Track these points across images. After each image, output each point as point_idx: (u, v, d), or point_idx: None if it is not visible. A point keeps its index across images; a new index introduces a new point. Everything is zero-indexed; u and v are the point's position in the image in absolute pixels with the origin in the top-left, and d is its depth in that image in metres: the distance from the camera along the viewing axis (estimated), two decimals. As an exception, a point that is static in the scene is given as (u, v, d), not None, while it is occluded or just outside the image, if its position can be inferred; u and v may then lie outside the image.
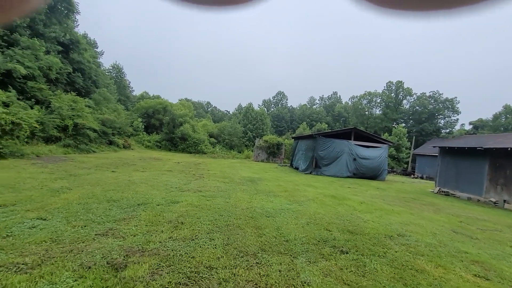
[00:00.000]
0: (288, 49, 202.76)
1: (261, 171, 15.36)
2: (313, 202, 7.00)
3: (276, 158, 27.67)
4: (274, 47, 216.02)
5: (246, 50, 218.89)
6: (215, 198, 6.47)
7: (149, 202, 5.54)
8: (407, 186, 14.98)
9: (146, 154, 22.28)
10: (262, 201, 6.57)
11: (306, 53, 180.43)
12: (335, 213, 5.90)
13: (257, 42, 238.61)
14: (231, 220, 4.70)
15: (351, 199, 8.12)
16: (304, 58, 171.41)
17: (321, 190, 9.46)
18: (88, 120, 18.81)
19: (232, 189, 8.04)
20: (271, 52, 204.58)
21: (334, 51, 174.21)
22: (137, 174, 9.60)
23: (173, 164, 15.29)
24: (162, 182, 8.20)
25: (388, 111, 60.14)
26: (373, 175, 17.35)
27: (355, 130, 18.02)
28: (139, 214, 4.62)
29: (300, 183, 11.05)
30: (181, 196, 6.38)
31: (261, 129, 45.67)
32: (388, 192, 11.05)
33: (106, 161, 13.26)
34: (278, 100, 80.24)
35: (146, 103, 40.13)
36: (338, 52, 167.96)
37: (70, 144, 16.44)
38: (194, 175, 10.75)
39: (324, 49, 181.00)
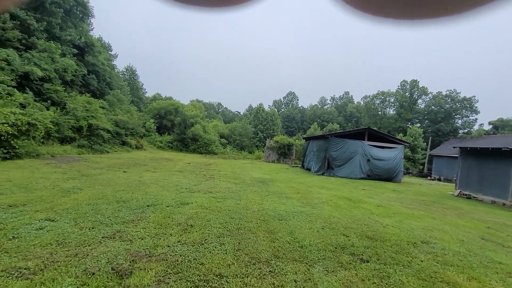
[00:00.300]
0: (299, 49, 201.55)
1: (272, 172, 15.11)
2: (327, 204, 6.71)
3: (287, 158, 27.33)
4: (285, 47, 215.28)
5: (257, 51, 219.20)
6: (226, 200, 6.30)
7: (159, 203, 5.42)
8: (425, 189, 14.35)
9: (157, 155, 22.47)
10: (274, 203, 6.35)
11: (318, 52, 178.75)
12: (351, 216, 5.59)
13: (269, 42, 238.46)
14: (242, 223, 4.50)
15: (367, 202, 7.76)
16: (316, 58, 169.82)
17: (334, 192, 9.13)
18: (102, 121, 19.14)
19: (243, 191, 7.85)
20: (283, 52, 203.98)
21: (347, 50, 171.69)
22: (148, 175, 9.58)
23: (184, 164, 15.29)
24: (173, 183, 8.11)
25: (402, 111, 58.52)
26: (388, 176, 16.76)
27: (369, 130, 17.49)
28: (148, 216, 4.49)
29: (312, 185, 10.73)
30: (191, 198, 6.24)
31: (271, 130, 45.40)
32: (405, 195, 10.57)
33: (118, 161, 13.38)
34: (289, 100, 79.73)
35: (158, 104, 40.69)
36: (351, 51, 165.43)
37: (85, 145, 16.75)
38: (204, 176, 10.65)
39: (336, 48, 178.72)
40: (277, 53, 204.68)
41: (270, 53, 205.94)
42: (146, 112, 39.13)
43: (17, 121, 10.17)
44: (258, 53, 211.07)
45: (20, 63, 15.57)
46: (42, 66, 16.59)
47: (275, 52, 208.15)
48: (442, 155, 24.54)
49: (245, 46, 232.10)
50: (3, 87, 12.70)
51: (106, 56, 31.48)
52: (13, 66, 14.96)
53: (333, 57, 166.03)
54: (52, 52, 18.07)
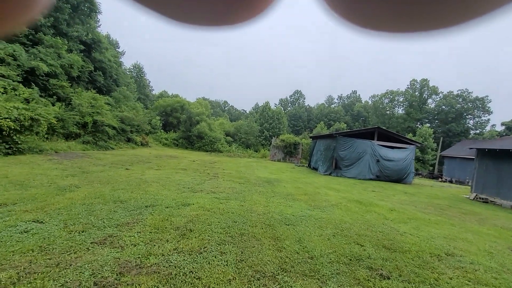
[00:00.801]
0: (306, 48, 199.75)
1: (278, 172, 14.72)
2: (337, 208, 6.29)
3: (293, 158, 26.89)
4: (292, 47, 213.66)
5: (265, 50, 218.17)
6: (229, 201, 5.95)
7: (158, 204, 5.10)
8: (437, 191, 13.75)
9: (162, 152, 22.30)
10: (280, 206, 5.97)
11: (325, 50, 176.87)
12: (364, 222, 5.17)
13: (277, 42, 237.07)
14: (246, 228, 4.14)
15: (379, 205, 7.31)
16: (323, 56, 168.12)
17: (343, 194, 8.69)
18: (107, 117, 19.04)
19: (248, 191, 7.49)
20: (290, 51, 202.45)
21: (355, 49, 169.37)
22: (151, 172, 9.31)
23: (188, 162, 15.02)
24: (175, 182, 7.80)
25: (412, 111, 57.27)
26: (398, 178, 16.18)
27: (379, 130, 16.91)
28: (145, 218, 4.17)
29: (320, 186, 10.31)
30: (192, 198, 5.91)
31: (277, 128, 44.93)
32: (418, 198, 10.05)
33: (122, 158, 13.18)
34: (295, 99, 78.98)
35: (165, 102, 40.67)
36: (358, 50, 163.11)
37: (89, 141, 16.64)
38: (208, 175, 10.33)
39: (343, 47, 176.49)
40: (285, 52, 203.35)
41: (278, 52, 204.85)
42: (152, 109, 39.14)
43: (20, 116, 10.02)
44: (266, 51, 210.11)
45: (27, 58, 15.52)
46: (48, 61, 16.52)
47: (283, 51, 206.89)
48: (454, 156, 23.70)
49: (253, 45, 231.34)
50: (8, 82, 12.62)
51: (113, 53, 31.45)
52: (19, 62, 14.91)
53: (340, 55, 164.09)
54: (58, 48, 17.99)
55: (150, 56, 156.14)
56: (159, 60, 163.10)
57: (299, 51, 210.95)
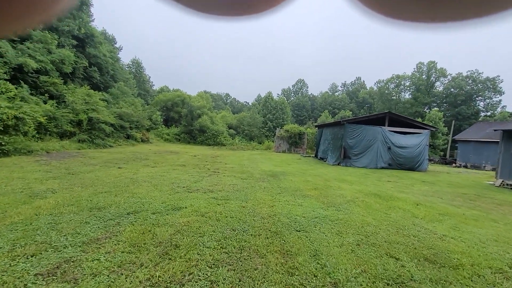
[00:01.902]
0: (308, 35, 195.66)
1: (284, 164, 13.86)
2: (355, 204, 5.42)
3: (298, 148, 25.97)
4: (294, 35, 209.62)
5: (266, 40, 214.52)
6: (229, 201, 5.12)
7: (144, 210, 4.30)
8: (456, 178, 12.76)
9: (163, 148, 21.59)
10: (288, 205, 5.12)
11: (329, 37, 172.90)
12: (390, 222, 4.30)
13: (278, 32, 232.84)
14: (247, 239, 3.31)
15: (401, 198, 6.41)
16: (326, 43, 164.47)
17: (358, 187, 7.80)
18: (103, 114, 18.26)
19: (251, 188, 6.66)
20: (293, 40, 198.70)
21: (358, 33, 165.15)
22: (145, 170, 8.53)
23: (189, 157, 14.24)
24: (170, 180, 7.00)
25: (419, 95, 55.44)
26: (412, 165, 15.19)
27: (390, 115, 15.82)
28: (122, 231, 3.36)
29: (330, 178, 9.43)
30: (186, 199, 5.09)
31: (281, 119, 43.85)
32: (440, 187, 9.11)
33: (118, 156, 12.45)
34: (298, 88, 77.36)
35: (165, 96, 39.85)
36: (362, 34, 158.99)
37: (85, 139, 15.94)
38: (208, 170, 9.53)
39: (347, 31, 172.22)
40: (287, 41, 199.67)
41: (279, 41, 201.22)
42: (153, 104, 38.37)
43: (2, 116, 9.29)
44: (268, 42, 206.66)
45: (14, 55, 14.71)
46: (37, 57, 15.70)
47: (285, 41, 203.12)
48: (469, 140, 22.46)
49: (254, 36, 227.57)
50: (-7, 80, 11.86)
51: (109, 48, 30.41)
52: (6, 58, 14.11)
53: (344, 40, 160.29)
54: (48, 43, 17.12)
55: (151, 51, 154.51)
56: (159, 55, 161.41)
57: (301, 39, 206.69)
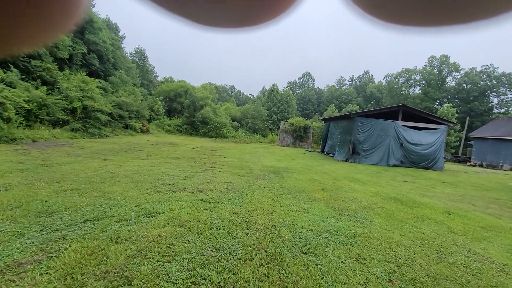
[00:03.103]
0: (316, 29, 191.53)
1: (288, 158, 12.87)
2: (373, 212, 4.43)
3: (303, 142, 24.89)
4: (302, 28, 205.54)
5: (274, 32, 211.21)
6: (219, 205, 4.18)
7: (108, 216, 3.38)
8: (478, 179, 11.63)
9: (163, 139, 20.74)
10: (292, 211, 4.16)
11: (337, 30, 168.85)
12: (424, 241, 3.32)
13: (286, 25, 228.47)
14: (233, 267, 2.37)
15: (426, 204, 5.40)
16: (335, 36, 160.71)
17: (372, 188, 6.80)
18: (100, 102, 17.39)
19: (248, 187, 5.71)
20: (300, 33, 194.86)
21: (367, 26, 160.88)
22: (132, 163, 7.63)
23: (187, 150, 13.34)
24: (156, 176, 6.09)
25: (430, 90, 53.49)
26: (426, 163, 14.07)
27: (404, 108, 14.61)
28: (64, 249, 2.45)
29: (339, 176, 8.42)
30: (167, 202, 4.17)
31: (286, 112, 42.62)
32: (464, 189, 8.05)
33: (110, 147, 11.60)
34: (304, 81, 75.67)
35: (168, 87, 38.93)
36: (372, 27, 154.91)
37: (79, 128, 15.13)
38: (204, 164, 8.60)
39: (357, 25, 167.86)
40: (296, 34, 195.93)
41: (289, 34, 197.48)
42: (155, 94, 37.49)
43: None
44: (276, 33, 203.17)
45: (3, 37, 13.82)
46: (28, 40, 14.77)
47: (294, 33, 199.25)
48: (486, 137, 21.09)
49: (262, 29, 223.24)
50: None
51: (110, 35, 29.38)
52: (-5, 41, 13.23)
53: (353, 34, 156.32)
54: (41, 26, 16.16)
55: (156, 42, 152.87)
56: (165, 46, 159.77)
57: (310, 32, 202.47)
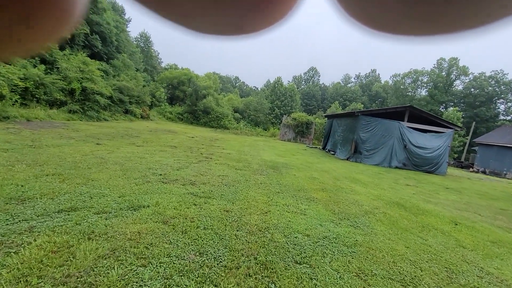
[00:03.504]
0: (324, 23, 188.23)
1: (288, 154, 12.56)
2: (375, 218, 4.13)
3: (304, 138, 24.54)
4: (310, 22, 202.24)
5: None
6: (210, 201, 3.88)
7: (86, 207, 3.09)
8: (481, 186, 11.31)
9: (162, 126, 20.42)
10: (288, 212, 3.86)
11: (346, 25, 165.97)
12: (431, 256, 3.02)
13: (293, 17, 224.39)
14: (216, 277, 2.07)
15: (431, 212, 5.09)
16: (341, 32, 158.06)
17: (374, 191, 6.49)
18: (100, 85, 17.01)
19: (244, 182, 5.41)
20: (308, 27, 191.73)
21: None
22: (126, 150, 7.33)
23: (185, 138, 13.03)
24: (147, 164, 5.79)
25: (436, 92, 52.67)
26: (429, 167, 13.74)
27: (411, 109, 14.19)
28: (26, 244, 2.16)
29: (340, 175, 8.11)
30: (155, 194, 3.87)
31: (289, 106, 42.02)
32: (469, 197, 7.74)
33: (107, 131, 11.30)
34: (309, 76, 74.60)
35: (171, 74, 38.40)
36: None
37: (77, 110, 14.81)
38: (200, 155, 8.30)
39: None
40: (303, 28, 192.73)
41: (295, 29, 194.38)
42: (158, 81, 36.98)
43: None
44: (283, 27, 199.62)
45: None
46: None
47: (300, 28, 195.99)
48: (491, 144, 20.67)
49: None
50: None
51: (115, 17, 28.69)
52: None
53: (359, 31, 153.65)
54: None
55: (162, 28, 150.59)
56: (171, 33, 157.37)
57: (317, 26, 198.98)
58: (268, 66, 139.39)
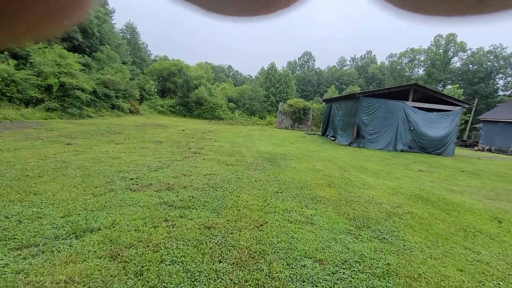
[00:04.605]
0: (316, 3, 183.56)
1: (286, 142, 11.63)
2: (402, 223, 3.24)
3: (302, 125, 23.59)
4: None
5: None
6: (188, 212, 2.96)
7: (6, 238, 2.16)
8: (494, 166, 10.52)
9: (152, 120, 19.32)
10: (290, 222, 2.96)
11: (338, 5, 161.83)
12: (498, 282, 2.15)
13: None
14: None
15: (461, 205, 4.22)
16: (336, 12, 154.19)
17: (388, 181, 5.60)
18: (80, 79, 15.78)
19: (235, 181, 4.48)
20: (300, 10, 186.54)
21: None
22: (99, 150, 6.35)
23: (175, 132, 12.02)
24: (119, 166, 4.83)
25: (434, 71, 51.49)
26: (436, 149, 12.90)
27: (416, 87, 13.19)
28: None
29: (346, 165, 7.22)
30: (115, 208, 2.94)
31: (285, 93, 40.78)
32: (492, 181, 6.90)
33: (85, 129, 10.26)
34: (304, 61, 72.74)
35: (161, 65, 36.76)
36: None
37: (56, 108, 13.66)
38: (188, 150, 7.34)
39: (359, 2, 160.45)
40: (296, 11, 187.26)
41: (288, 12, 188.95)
42: (147, 73, 35.43)
43: None
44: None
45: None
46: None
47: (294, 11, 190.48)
48: (496, 120, 19.83)
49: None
50: None
51: (95, 7, 26.89)
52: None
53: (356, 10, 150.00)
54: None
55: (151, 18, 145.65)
56: (160, 23, 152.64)
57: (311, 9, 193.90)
58: (262, 53, 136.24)
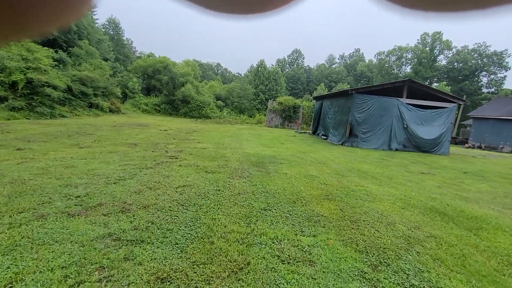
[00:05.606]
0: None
1: (276, 142, 10.83)
2: (428, 254, 2.47)
3: (292, 123, 22.90)
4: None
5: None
6: (138, 252, 2.08)
7: None
8: (493, 165, 10.08)
9: (134, 120, 18.08)
10: (282, 262, 2.13)
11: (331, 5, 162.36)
12: None
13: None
14: None
15: (486, 220, 3.53)
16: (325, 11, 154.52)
17: (393, 189, 4.87)
18: (51, 75, 14.43)
19: (213, 195, 3.62)
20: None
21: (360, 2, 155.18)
22: (54, 156, 5.32)
23: (155, 132, 10.99)
24: (68, 179, 3.86)
25: (421, 69, 52.12)
26: (431, 148, 12.42)
27: (410, 83, 12.64)
28: None
29: (342, 168, 6.47)
30: (30, 251, 2.03)
31: (274, 90, 40.03)
32: (500, 184, 6.32)
33: (50, 130, 9.10)
34: (293, 59, 72.20)
35: (145, 62, 35.16)
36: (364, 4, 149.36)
37: (22, 107, 12.33)
38: (164, 154, 6.40)
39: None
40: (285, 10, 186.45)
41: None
42: (130, 70, 33.84)
43: None
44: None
45: None
46: None
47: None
48: (487, 117, 19.72)
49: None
50: None
51: None
52: None
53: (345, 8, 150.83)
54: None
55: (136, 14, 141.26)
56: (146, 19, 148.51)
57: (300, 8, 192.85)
58: (251, 50, 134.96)
